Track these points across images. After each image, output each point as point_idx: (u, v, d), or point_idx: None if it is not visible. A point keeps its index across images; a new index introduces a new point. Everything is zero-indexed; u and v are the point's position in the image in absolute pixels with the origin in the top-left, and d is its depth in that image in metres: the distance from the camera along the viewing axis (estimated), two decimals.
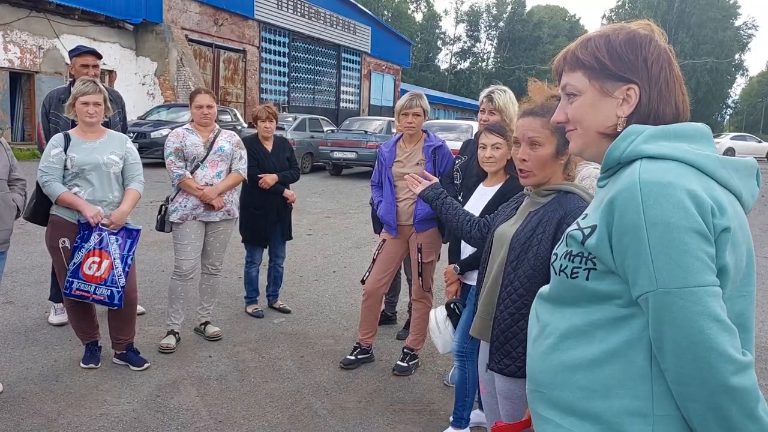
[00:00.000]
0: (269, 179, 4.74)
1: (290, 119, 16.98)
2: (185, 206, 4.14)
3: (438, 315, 2.99)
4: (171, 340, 4.18)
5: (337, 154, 15.98)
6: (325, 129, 18.08)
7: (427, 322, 3.39)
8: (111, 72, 20.43)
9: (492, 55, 74.48)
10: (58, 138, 3.69)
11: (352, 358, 4.07)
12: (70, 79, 4.58)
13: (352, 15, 32.41)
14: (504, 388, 2.05)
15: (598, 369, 1.10)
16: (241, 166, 4.34)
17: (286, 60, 28.00)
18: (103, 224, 3.62)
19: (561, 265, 1.17)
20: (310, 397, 3.60)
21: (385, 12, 65.03)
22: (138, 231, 3.75)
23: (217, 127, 4.36)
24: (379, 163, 4.02)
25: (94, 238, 3.61)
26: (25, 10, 17.47)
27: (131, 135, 13.44)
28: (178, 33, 21.44)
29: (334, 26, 30.82)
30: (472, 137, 3.97)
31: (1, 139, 3.41)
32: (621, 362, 1.08)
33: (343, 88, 32.92)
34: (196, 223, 4.18)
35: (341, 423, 3.32)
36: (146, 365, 3.84)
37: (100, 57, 4.49)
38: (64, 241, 3.63)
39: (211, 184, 4.18)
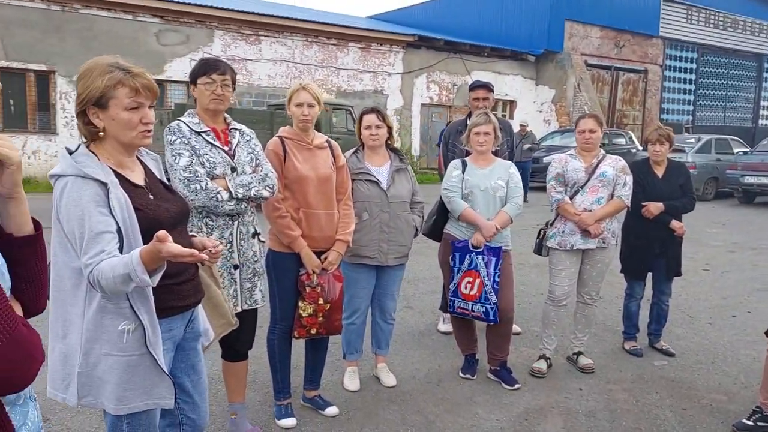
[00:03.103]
0: (653, 208, 4.36)
1: (692, 140, 15.45)
2: (562, 231, 4.13)
3: None
4: (542, 365, 4.19)
5: (748, 179, 13.87)
6: (736, 150, 15.86)
7: None
8: (512, 102, 21.91)
9: None
10: (456, 162, 4.12)
11: (750, 423, 3.41)
12: (468, 112, 5.02)
13: None
14: None
15: None
16: (624, 193, 4.10)
17: (693, 77, 25.65)
18: (472, 245, 3.86)
19: None
20: None
21: None
22: (499, 249, 3.88)
23: (602, 152, 4.23)
24: None
25: (466, 260, 3.88)
26: (445, 53, 20.12)
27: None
28: (577, 59, 21.74)
29: (756, 34, 26.93)
30: None
31: (408, 167, 3.94)
32: None
33: (763, 104, 28.45)
34: (573, 250, 4.12)
35: None
36: (517, 386, 3.92)
37: (491, 90, 4.82)
38: (453, 257, 3.99)
39: (590, 210, 4.06)
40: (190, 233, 2.28)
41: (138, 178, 2.02)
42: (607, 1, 22.51)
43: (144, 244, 1.80)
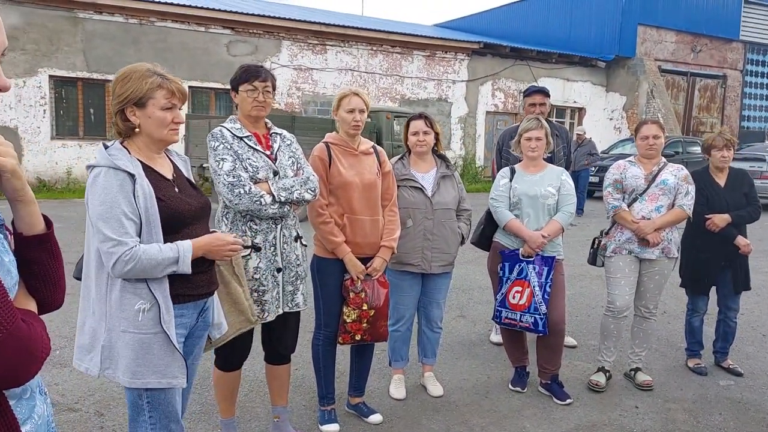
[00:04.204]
0: (719, 220, 4.11)
1: None
2: (618, 239, 3.98)
3: None
4: (601, 378, 4.03)
5: None
6: None
7: None
8: (581, 109, 21.36)
9: None
10: (505, 170, 4.03)
11: None
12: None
13: None
14: None
15: None
16: (686, 202, 3.90)
17: None
18: (522, 255, 3.77)
19: None
20: None
21: None
22: (553, 258, 3.76)
23: (663, 159, 4.04)
24: None
25: (516, 269, 3.78)
26: (510, 60, 19.86)
27: (593, 168, 13.73)
28: (650, 65, 20.98)
29: None
30: None
31: (454, 174, 3.88)
32: None
33: None
34: (630, 257, 3.95)
35: None
36: (569, 401, 3.78)
37: (548, 95, 4.69)
38: (502, 266, 3.90)
39: (649, 218, 3.88)
40: (241, 236, 2.42)
41: (166, 172, 2.23)
42: (683, 5, 21.65)
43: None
